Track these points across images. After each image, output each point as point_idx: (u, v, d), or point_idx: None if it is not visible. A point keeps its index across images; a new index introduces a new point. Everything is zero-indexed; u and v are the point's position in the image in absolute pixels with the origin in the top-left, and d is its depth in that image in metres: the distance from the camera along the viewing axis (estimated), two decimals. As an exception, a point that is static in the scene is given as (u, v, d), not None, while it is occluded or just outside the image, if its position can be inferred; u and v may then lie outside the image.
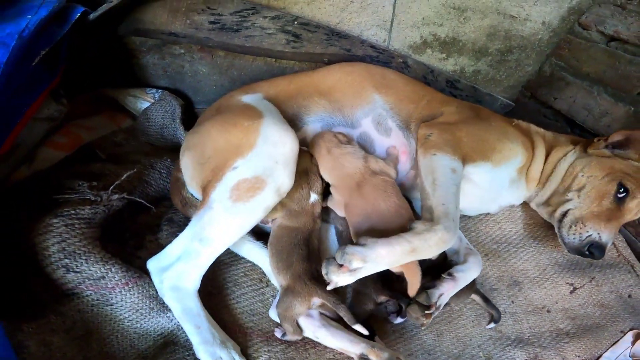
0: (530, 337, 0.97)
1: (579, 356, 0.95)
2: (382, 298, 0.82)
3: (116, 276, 0.74)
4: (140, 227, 0.95)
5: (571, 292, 1.07)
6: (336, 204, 0.93)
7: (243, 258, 0.98)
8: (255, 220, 0.80)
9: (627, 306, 1.07)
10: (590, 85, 1.39)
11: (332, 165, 0.92)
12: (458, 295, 0.92)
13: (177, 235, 0.83)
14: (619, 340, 0.99)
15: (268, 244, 0.90)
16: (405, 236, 0.74)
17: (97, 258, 0.74)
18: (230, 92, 1.09)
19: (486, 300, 0.98)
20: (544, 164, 1.08)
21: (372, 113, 1.06)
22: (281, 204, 0.88)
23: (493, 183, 1.02)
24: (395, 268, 0.82)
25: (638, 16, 1.26)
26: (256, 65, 1.35)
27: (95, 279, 0.73)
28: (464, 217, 1.20)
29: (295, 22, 1.18)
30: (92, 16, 0.97)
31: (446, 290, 0.87)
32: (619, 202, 0.95)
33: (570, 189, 1.00)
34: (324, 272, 0.72)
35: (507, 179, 1.04)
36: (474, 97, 1.61)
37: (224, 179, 0.78)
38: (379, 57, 1.35)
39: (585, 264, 1.17)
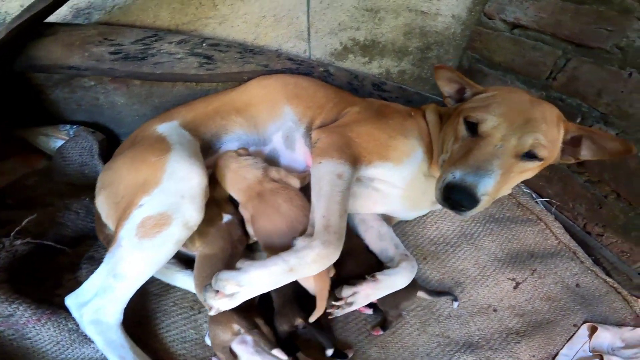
0: (479, 340, 0.94)
1: (533, 356, 0.92)
2: (298, 321, 0.81)
3: (25, 314, 0.77)
4: (59, 267, 0.95)
5: (515, 288, 1.05)
6: (247, 222, 0.92)
7: (173, 287, 0.97)
8: (166, 255, 0.80)
9: (577, 297, 1.05)
10: (503, 74, 1.46)
11: (234, 180, 0.92)
12: (403, 297, 0.92)
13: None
14: (573, 335, 0.96)
15: (193, 276, 0.89)
16: (282, 256, 0.74)
17: (2, 299, 0.77)
18: (147, 121, 1.06)
19: (434, 293, 0.98)
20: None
21: (283, 127, 1.05)
22: (198, 235, 0.88)
23: (406, 182, 0.98)
24: (308, 285, 0.81)
25: (532, 1, 1.32)
26: (177, 90, 1.33)
27: (5, 317, 0.77)
28: (401, 223, 1.19)
29: (204, 44, 1.18)
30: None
31: (363, 290, 0.86)
32: (474, 135, 0.83)
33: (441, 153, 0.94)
34: (202, 298, 0.71)
35: (421, 175, 0.99)
36: (403, 97, 1.63)
37: (130, 217, 0.78)
38: (299, 69, 1.36)
39: (525, 255, 1.14)
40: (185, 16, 1.22)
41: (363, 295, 0.86)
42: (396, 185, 0.98)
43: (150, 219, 0.76)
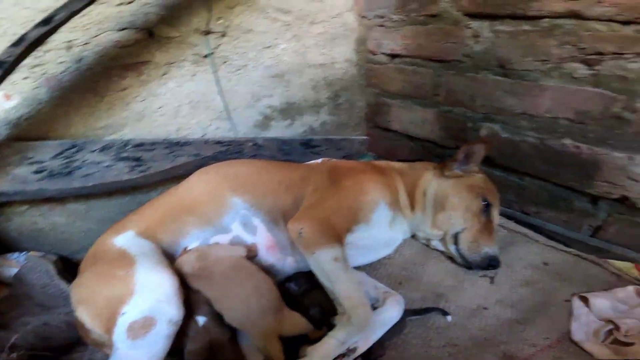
0: (486, 338, 0.90)
1: (547, 338, 0.89)
2: None
3: None
4: None
5: (491, 283, 1.07)
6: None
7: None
8: (162, 347, 0.83)
9: (552, 274, 1.05)
10: (401, 101, 1.58)
11: (200, 267, 0.93)
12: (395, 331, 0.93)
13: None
14: (572, 309, 0.93)
15: None
16: (333, 335, 0.84)
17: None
18: (102, 235, 1.04)
19: (422, 311, 0.98)
20: (414, 193, 1.17)
21: (238, 216, 1.06)
22: None
23: (377, 236, 1.10)
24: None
25: (396, 31, 1.47)
26: (116, 199, 1.30)
27: None
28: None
29: (128, 146, 1.19)
30: None
31: (360, 342, 0.87)
32: (487, 214, 1.09)
33: (446, 210, 1.10)
34: None
35: (385, 224, 1.11)
36: (333, 146, 1.69)
37: (118, 325, 0.82)
38: (229, 150, 1.36)
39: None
40: (99, 120, 1.22)
41: (363, 337, 0.87)
42: (368, 245, 1.09)
43: (136, 323, 0.81)
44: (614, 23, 0.93)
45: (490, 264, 1.06)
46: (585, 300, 0.94)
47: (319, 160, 1.44)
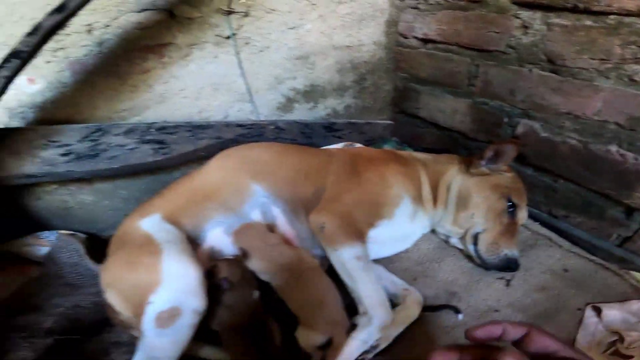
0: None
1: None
2: None
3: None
4: (92, 354, 0.98)
5: (507, 285, 1.02)
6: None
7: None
8: (188, 335, 0.85)
9: (569, 281, 1.00)
10: (431, 89, 1.50)
11: (269, 256, 0.94)
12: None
13: (127, 354, 0.88)
14: (581, 319, 0.90)
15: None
16: (355, 337, 0.83)
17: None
18: (129, 217, 1.05)
19: (437, 308, 0.98)
20: (438, 187, 1.12)
21: (257, 204, 1.04)
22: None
23: (397, 231, 1.06)
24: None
25: (431, 15, 1.37)
26: (141, 179, 1.30)
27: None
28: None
29: (152, 129, 1.18)
30: None
31: (382, 339, 0.88)
32: (512, 215, 1.04)
33: (469, 209, 1.06)
34: None
35: (407, 218, 1.07)
36: (355, 130, 1.64)
37: (146, 313, 0.85)
38: (250, 133, 1.34)
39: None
40: (122, 103, 1.22)
41: (385, 335, 0.87)
42: (387, 240, 1.06)
43: (163, 313, 0.83)
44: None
45: (509, 266, 1.01)
46: (597, 310, 0.91)
47: (340, 145, 1.38)
